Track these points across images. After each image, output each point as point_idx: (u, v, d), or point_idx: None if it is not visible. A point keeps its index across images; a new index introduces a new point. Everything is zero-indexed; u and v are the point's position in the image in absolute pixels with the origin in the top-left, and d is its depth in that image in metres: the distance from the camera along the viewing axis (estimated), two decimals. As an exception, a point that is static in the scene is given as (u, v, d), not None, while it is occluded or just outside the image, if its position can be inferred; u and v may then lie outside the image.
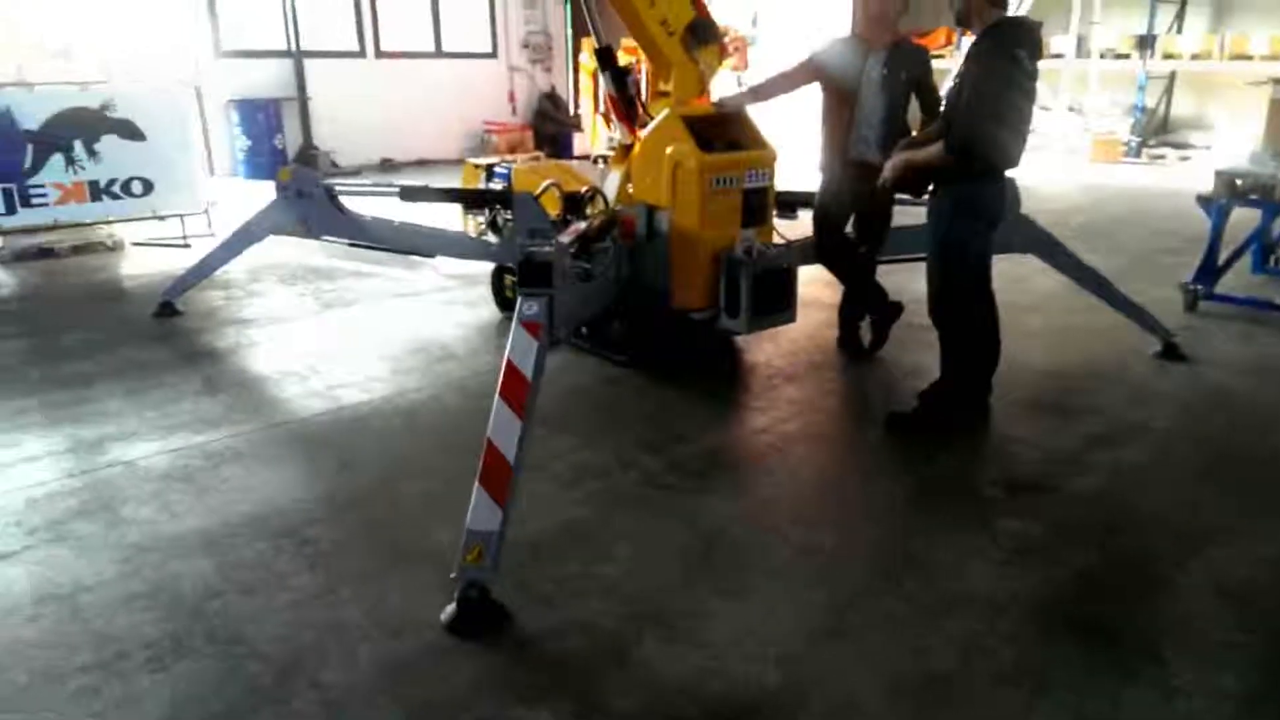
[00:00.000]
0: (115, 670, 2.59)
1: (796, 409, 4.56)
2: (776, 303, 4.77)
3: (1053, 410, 4.50)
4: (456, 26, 14.79)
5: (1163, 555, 3.24)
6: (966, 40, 3.93)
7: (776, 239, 5.08)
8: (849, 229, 5.06)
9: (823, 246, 5.08)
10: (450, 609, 2.79)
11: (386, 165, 13.76)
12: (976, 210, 3.97)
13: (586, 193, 5.23)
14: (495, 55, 15.40)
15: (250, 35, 12.58)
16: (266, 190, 6.12)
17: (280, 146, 12.53)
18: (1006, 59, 3.70)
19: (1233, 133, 13.91)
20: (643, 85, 5.92)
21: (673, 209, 4.70)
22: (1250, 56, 13.50)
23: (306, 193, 5.90)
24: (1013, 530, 3.37)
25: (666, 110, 4.86)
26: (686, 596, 2.97)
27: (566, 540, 3.31)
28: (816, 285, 6.00)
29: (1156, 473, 3.89)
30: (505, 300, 5.92)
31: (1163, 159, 14.11)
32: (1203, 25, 14.79)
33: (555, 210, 5.24)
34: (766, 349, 5.39)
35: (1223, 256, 6.16)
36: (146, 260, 7.78)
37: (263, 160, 12.12)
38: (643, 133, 4.94)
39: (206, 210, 8.43)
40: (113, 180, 7.90)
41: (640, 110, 5.27)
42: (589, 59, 8.71)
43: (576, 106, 14.74)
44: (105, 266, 7.61)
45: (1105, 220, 9.37)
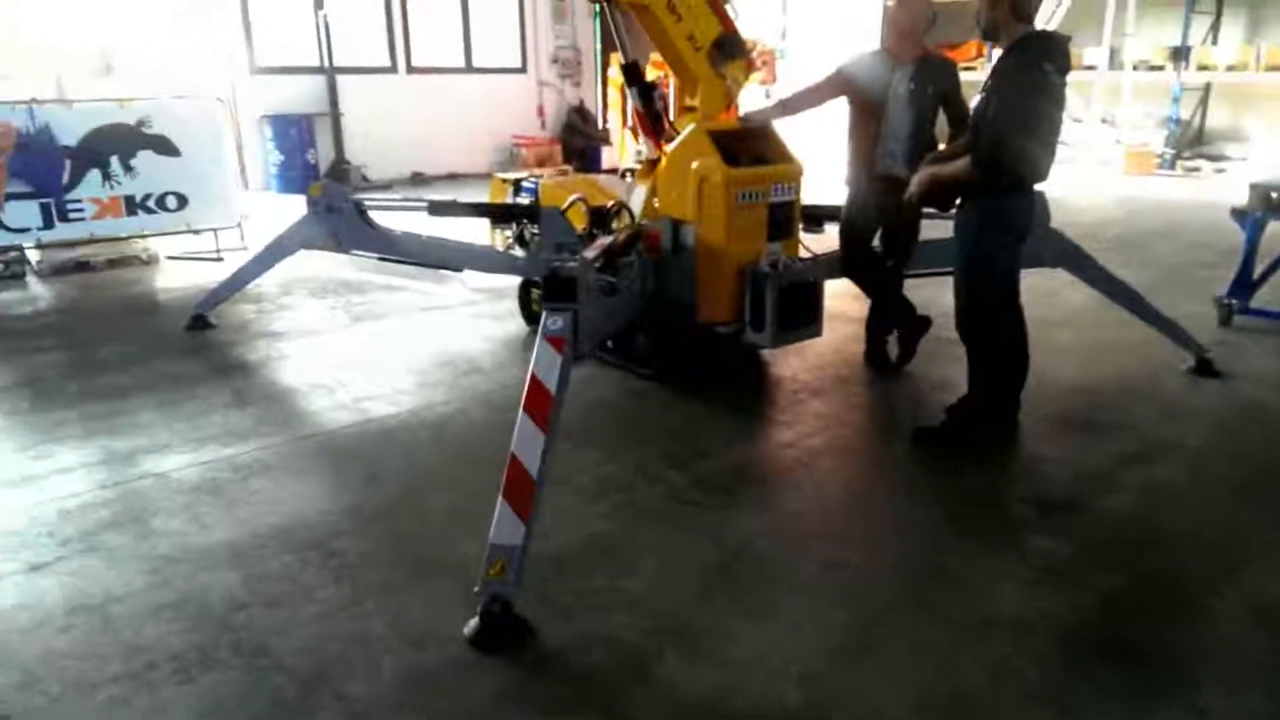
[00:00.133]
0: (144, 681, 2.63)
1: (823, 423, 4.54)
2: (802, 317, 4.75)
3: (1083, 427, 4.44)
4: (487, 42, 14.93)
5: (1195, 575, 3.19)
6: (996, 53, 3.91)
7: (803, 253, 5.07)
8: (876, 243, 5.04)
9: (849, 260, 5.07)
10: (473, 623, 2.80)
11: (417, 179, 13.88)
12: (1004, 224, 3.94)
13: (612, 207, 5.26)
14: (525, 70, 15.52)
15: (284, 52, 12.78)
16: (299, 204, 6.20)
17: (313, 161, 12.69)
18: (1034, 72, 3.67)
19: (1269, 145, 13.70)
20: (670, 100, 5.93)
21: (698, 223, 4.71)
22: (1287, 67, 13.29)
23: (336, 208, 5.97)
24: (1042, 549, 3.33)
25: (692, 125, 4.88)
26: (710, 612, 2.96)
27: (591, 554, 3.31)
28: (844, 299, 5.97)
29: (1190, 491, 3.83)
30: (532, 314, 5.94)
31: (1197, 171, 13.91)
32: (1238, 36, 14.59)
33: (582, 224, 5.27)
34: (793, 363, 5.37)
35: (1258, 270, 6.05)
36: (180, 274, 7.90)
37: (295, 175, 12.28)
38: (669, 147, 4.96)
39: (239, 224, 8.54)
40: (148, 195, 8.04)
41: (666, 125, 5.30)
42: (618, 73, 8.76)
43: (605, 120, 14.81)
44: (140, 280, 7.74)
45: (1139, 233, 9.26)
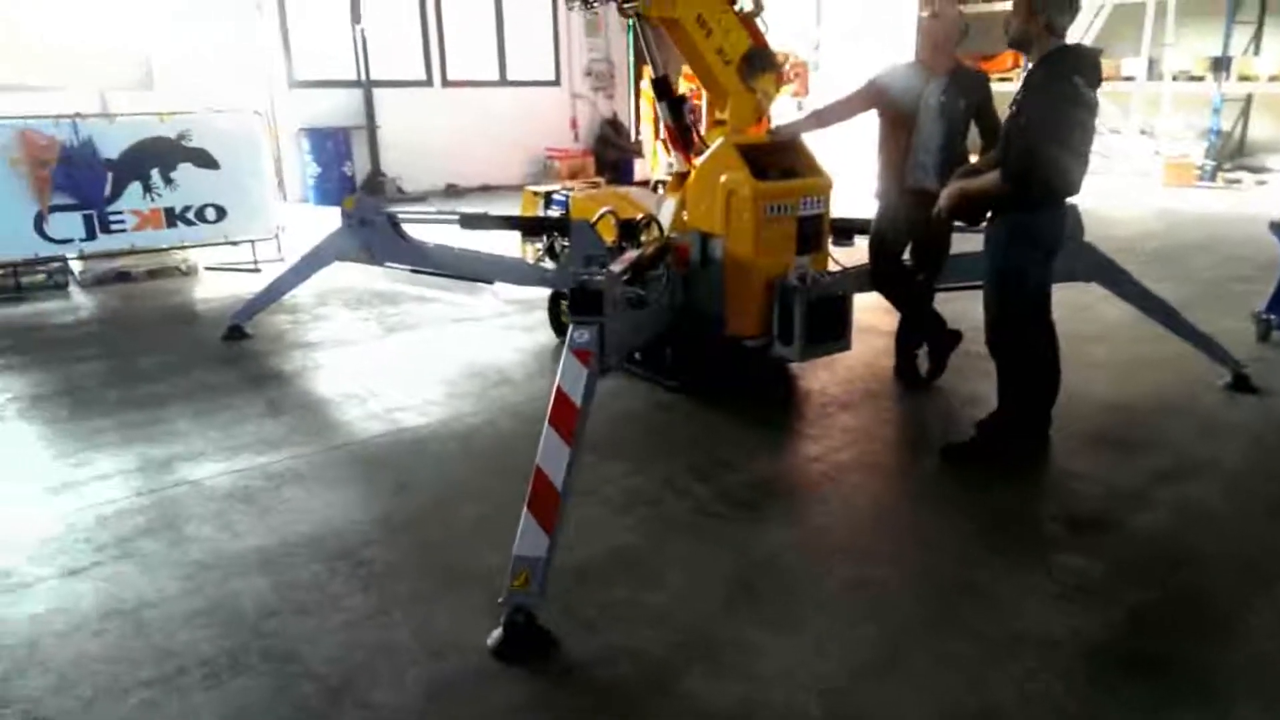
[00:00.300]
0: (175, 685, 2.67)
1: (851, 437, 4.52)
2: (831, 330, 4.73)
3: (1116, 444, 4.39)
4: (521, 55, 15.06)
5: (1230, 593, 3.14)
6: (1029, 65, 3.88)
7: (832, 266, 5.05)
8: (906, 256, 5.02)
9: (879, 274, 5.05)
10: (496, 634, 2.81)
11: (451, 191, 14.01)
12: (1033, 238, 3.91)
13: (642, 220, 5.27)
14: (558, 83, 15.62)
15: (322, 66, 12.97)
16: (335, 216, 6.29)
17: (349, 173, 12.85)
18: (1064, 84, 3.64)
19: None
20: (701, 113, 5.95)
21: (727, 236, 4.71)
22: (1331, 79, 13.08)
23: (370, 221, 6.05)
24: (1073, 566, 3.29)
25: (721, 138, 4.89)
26: (735, 626, 2.96)
27: (615, 566, 3.32)
28: (874, 312, 5.94)
29: (1225, 509, 3.77)
30: (561, 326, 5.97)
31: (1238, 183, 13.68)
32: (1280, 46, 14.38)
33: (611, 237, 5.29)
34: (822, 376, 5.35)
35: (1297, 285, 5.95)
36: (218, 284, 8.04)
37: (332, 186, 12.43)
38: (698, 161, 4.97)
39: (277, 235, 8.68)
40: (188, 207, 8.20)
41: (696, 139, 5.31)
42: (650, 86, 8.79)
43: (638, 133, 14.85)
44: (179, 290, 7.89)
45: (1176, 246, 9.13)
